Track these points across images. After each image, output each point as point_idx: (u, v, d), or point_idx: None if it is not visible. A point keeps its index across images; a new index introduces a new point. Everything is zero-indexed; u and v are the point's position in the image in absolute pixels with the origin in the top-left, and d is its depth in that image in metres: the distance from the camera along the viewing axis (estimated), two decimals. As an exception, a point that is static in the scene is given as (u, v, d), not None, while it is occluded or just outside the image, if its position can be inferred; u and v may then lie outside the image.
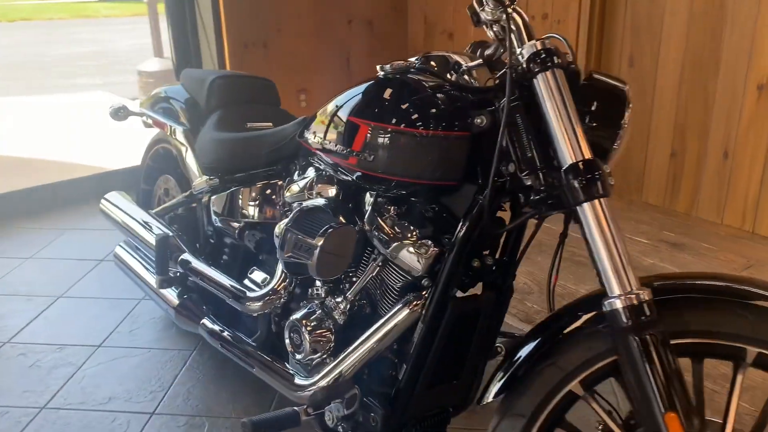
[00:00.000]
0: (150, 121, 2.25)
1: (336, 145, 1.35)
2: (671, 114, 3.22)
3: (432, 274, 1.35)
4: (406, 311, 1.37)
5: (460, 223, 1.28)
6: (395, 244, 1.34)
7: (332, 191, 1.52)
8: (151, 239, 1.92)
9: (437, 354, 1.37)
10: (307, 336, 1.50)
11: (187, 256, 1.85)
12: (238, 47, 3.63)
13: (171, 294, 1.87)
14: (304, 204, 1.47)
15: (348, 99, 1.37)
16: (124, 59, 9.97)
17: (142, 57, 7.70)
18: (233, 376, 2.05)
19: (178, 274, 1.88)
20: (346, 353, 1.44)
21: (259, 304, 1.63)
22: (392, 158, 1.27)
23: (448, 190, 1.34)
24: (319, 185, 1.54)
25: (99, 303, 2.54)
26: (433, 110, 1.25)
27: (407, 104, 1.27)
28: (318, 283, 1.58)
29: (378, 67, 1.32)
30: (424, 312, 1.34)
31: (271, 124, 2.00)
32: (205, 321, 1.78)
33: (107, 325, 2.38)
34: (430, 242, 1.33)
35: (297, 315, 1.56)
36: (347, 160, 1.32)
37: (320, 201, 1.48)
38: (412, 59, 1.35)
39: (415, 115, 1.26)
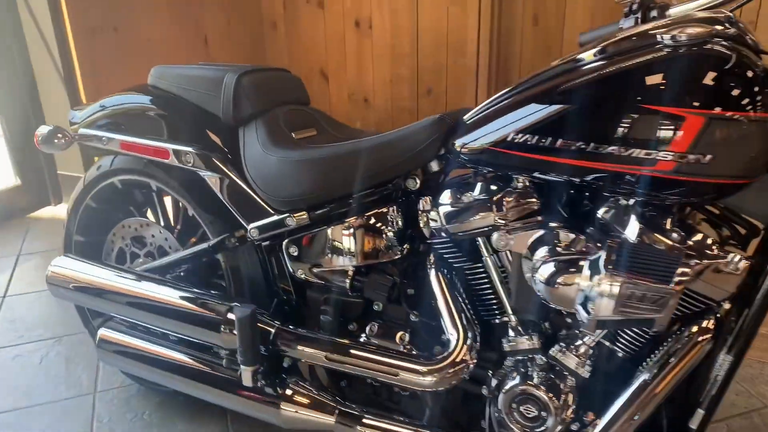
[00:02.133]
0: (107, 146, 1.55)
1: (626, 149, 0.99)
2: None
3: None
4: (697, 344, 1.09)
5: None
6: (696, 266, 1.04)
7: (536, 207, 1.15)
8: (209, 314, 1.31)
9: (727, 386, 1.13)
10: (550, 403, 1.14)
11: (286, 329, 1.30)
12: (84, 32, 2.83)
13: (266, 386, 1.31)
14: (607, 238, 1.07)
15: (635, 82, 1.01)
16: None
17: None
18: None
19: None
20: (613, 414, 1.12)
21: (439, 377, 1.20)
22: (727, 155, 0.97)
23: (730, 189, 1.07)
24: (516, 202, 1.16)
25: (45, 412, 1.75)
26: (760, 86, 0.97)
27: (736, 82, 0.97)
28: (512, 332, 1.21)
29: (667, 37, 0.98)
30: (731, 340, 1.08)
31: (315, 131, 1.51)
32: (355, 412, 1.27)
33: (76, 443, 1.66)
34: (738, 255, 1.05)
35: (514, 380, 1.18)
36: (654, 165, 0.98)
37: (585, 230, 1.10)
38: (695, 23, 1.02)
39: (745, 95, 0.97)
